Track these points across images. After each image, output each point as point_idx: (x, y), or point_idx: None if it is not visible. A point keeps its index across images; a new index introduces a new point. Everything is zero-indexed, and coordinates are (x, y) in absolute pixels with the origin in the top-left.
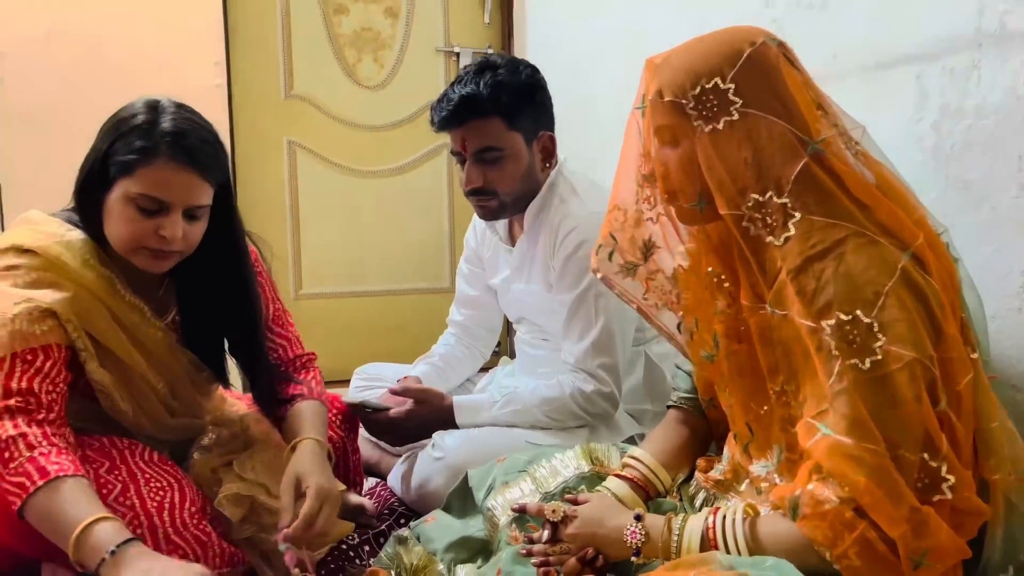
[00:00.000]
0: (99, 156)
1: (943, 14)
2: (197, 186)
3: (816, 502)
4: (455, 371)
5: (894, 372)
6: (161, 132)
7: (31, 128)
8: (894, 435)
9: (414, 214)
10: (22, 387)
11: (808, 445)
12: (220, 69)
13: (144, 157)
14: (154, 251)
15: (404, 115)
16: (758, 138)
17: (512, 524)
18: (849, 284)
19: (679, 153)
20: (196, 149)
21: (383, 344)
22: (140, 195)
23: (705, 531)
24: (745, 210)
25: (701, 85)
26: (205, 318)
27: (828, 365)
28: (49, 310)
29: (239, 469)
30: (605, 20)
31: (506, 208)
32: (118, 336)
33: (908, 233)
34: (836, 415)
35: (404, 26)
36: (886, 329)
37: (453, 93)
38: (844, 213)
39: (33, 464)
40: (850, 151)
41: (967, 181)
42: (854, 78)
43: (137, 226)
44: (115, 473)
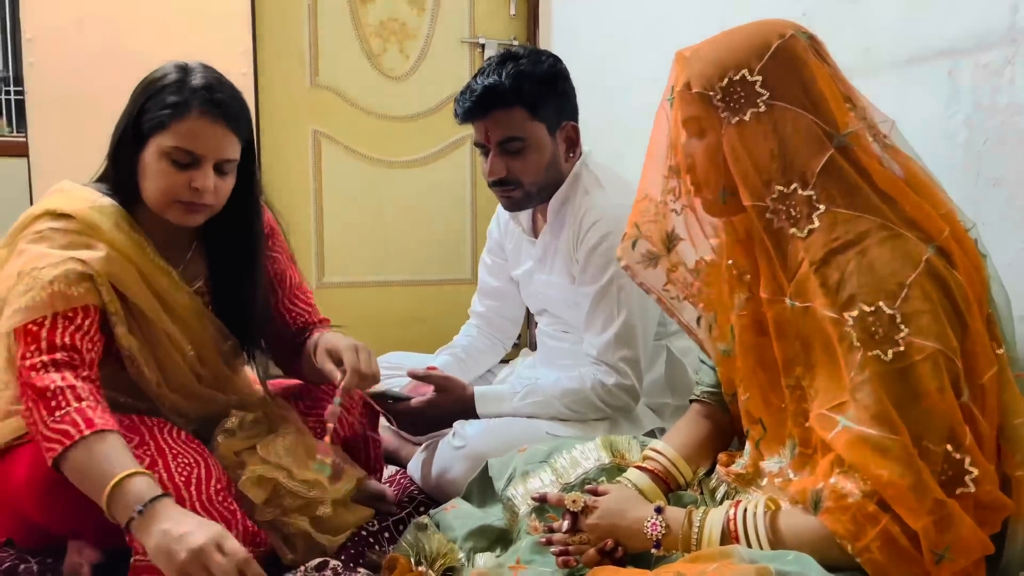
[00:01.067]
0: (132, 116)
1: (976, 9)
2: (227, 139)
3: (838, 495)
4: (476, 362)
5: (917, 363)
6: (192, 88)
7: (60, 111)
8: (917, 427)
9: (437, 205)
10: (66, 342)
11: (829, 437)
12: (247, 58)
13: (177, 111)
14: (187, 204)
15: (429, 106)
16: (784, 130)
17: (532, 514)
18: (872, 276)
19: (705, 144)
20: (225, 103)
21: (405, 334)
22: (173, 148)
23: (726, 524)
24: (769, 202)
25: (729, 77)
26: (231, 281)
27: (850, 356)
28: (85, 272)
29: (263, 452)
30: (631, 12)
31: (531, 198)
32: (148, 298)
33: (934, 226)
34: (858, 407)
35: (430, 17)
36: (909, 321)
37: (476, 84)
38: (869, 206)
39: (81, 415)
40: (878, 144)
41: (999, 178)
42: (886, 72)
43: (171, 179)
44: (144, 448)
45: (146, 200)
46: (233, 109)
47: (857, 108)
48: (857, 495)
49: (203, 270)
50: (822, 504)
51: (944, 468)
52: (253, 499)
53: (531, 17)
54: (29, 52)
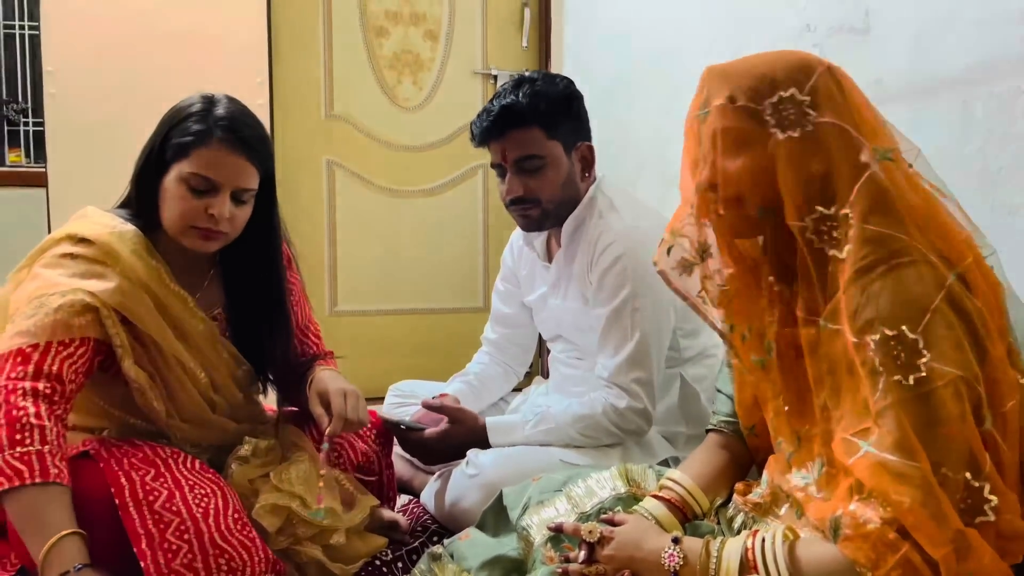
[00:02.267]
0: (157, 142)
1: (987, 40)
2: (245, 169)
3: (858, 523)
4: (489, 390)
5: (938, 389)
6: (216, 118)
7: (79, 142)
8: (937, 453)
9: (450, 233)
10: (53, 370)
11: (850, 463)
12: (263, 89)
13: (199, 139)
14: (202, 230)
15: (441, 136)
16: (829, 150)
17: (547, 543)
18: (895, 299)
19: (748, 160)
20: (247, 135)
21: (417, 362)
22: (192, 174)
23: (744, 554)
24: (809, 221)
25: (779, 94)
26: (248, 309)
27: (873, 381)
28: (91, 304)
29: (276, 480)
30: (642, 44)
31: (548, 216)
32: (161, 325)
33: (956, 254)
34: (880, 432)
35: (443, 49)
36: (931, 346)
37: (493, 106)
38: (898, 228)
39: (40, 460)
40: (914, 172)
41: (1014, 206)
42: (898, 103)
43: (187, 204)
44: (160, 480)
45: (164, 225)
46: (254, 140)
47: (889, 132)
48: (877, 522)
49: (220, 297)
50: (841, 531)
51: (964, 496)
52: (267, 527)
53: (543, 49)
54: (49, 83)
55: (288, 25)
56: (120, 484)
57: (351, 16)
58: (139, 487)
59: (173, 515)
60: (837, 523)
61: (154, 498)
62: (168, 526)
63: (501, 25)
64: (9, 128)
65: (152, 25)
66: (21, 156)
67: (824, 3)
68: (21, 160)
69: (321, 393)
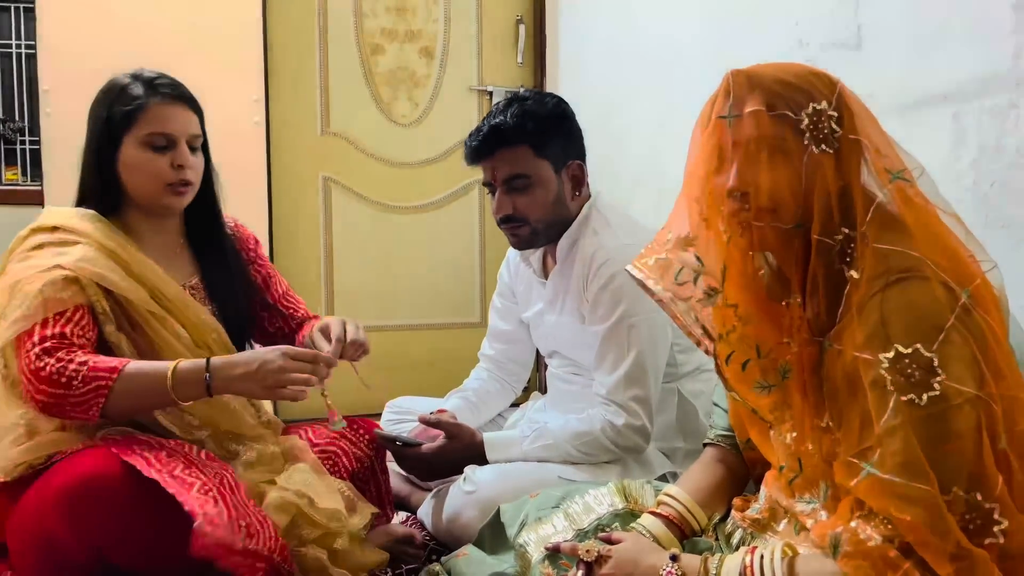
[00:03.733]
0: (101, 124)
1: (979, 55)
2: (189, 116)
3: (858, 539)
4: (487, 405)
5: (952, 408)
6: (148, 80)
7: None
8: (948, 473)
9: (446, 249)
10: (55, 332)
11: (852, 484)
12: (259, 107)
13: (143, 102)
14: (175, 185)
15: (438, 152)
16: (851, 168)
17: (545, 561)
18: (910, 317)
19: (785, 171)
20: (177, 86)
21: (414, 378)
22: (149, 134)
23: (743, 571)
24: (836, 241)
25: (814, 106)
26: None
27: (882, 400)
28: (71, 276)
29: (283, 482)
30: (636, 60)
31: (538, 235)
32: (134, 286)
33: (967, 272)
34: (884, 453)
35: (439, 66)
36: (946, 365)
37: (483, 125)
38: (910, 247)
39: (95, 370)
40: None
41: (1007, 219)
42: (890, 117)
43: (155, 164)
44: (173, 457)
45: (136, 197)
46: (184, 90)
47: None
48: (878, 540)
49: (194, 269)
50: (841, 548)
51: (972, 517)
52: (276, 523)
53: (538, 65)
54: (46, 103)
55: (284, 43)
56: (138, 459)
57: (347, 33)
58: (155, 461)
59: (195, 479)
60: (837, 539)
61: (172, 468)
62: (191, 487)
63: (496, 42)
64: (6, 147)
65: (148, 44)
66: (18, 174)
67: (816, 19)
68: (18, 179)
69: (324, 328)
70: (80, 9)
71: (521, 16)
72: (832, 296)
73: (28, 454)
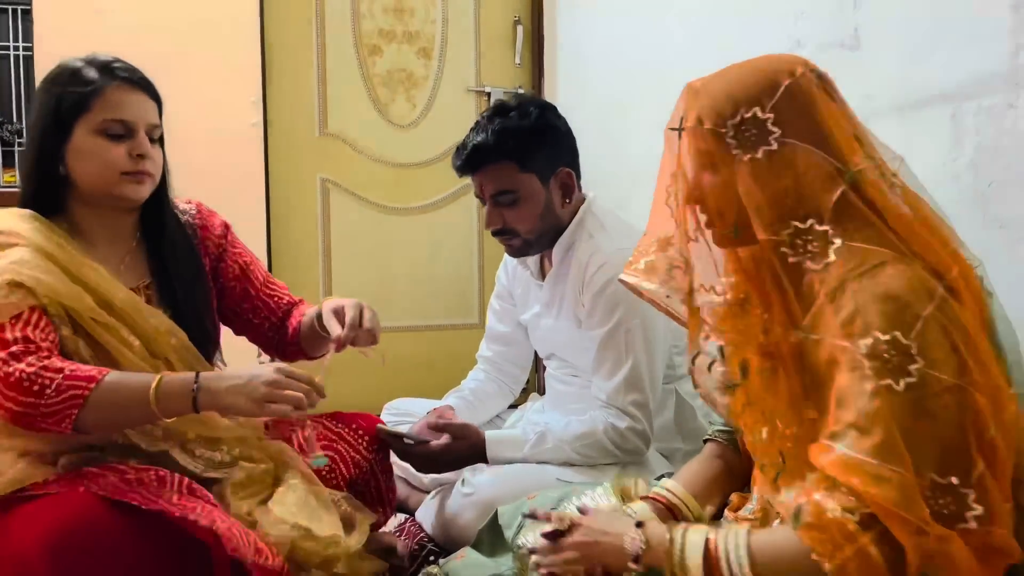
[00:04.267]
0: (48, 111)
1: (977, 54)
2: (149, 104)
3: (819, 511)
4: (485, 406)
5: (930, 395)
6: (103, 63)
7: None
8: (924, 458)
9: (444, 250)
10: (17, 336)
11: (822, 462)
12: (257, 108)
13: (98, 88)
14: (133, 175)
15: (435, 153)
16: (796, 167)
17: None
18: (888, 305)
19: (718, 179)
20: (137, 72)
21: (412, 379)
22: (105, 120)
23: (707, 541)
24: (784, 236)
25: (741, 115)
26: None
27: (860, 386)
28: (15, 280)
29: (277, 510)
30: (634, 60)
31: (530, 245)
32: (75, 291)
33: (942, 264)
34: (861, 436)
35: (436, 67)
36: (925, 353)
37: (467, 141)
38: (883, 240)
39: (71, 378)
40: (886, 182)
41: (1005, 219)
42: (888, 117)
43: (111, 152)
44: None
45: (86, 190)
46: (143, 76)
47: (865, 145)
48: (838, 512)
49: (146, 269)
50: (801, 519)
51: (947, 502)
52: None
53: (536, 65)
54: None
55: (281, 44)
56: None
57: (344, 34)
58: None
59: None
60: (799, 511)
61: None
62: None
63: (494, 42)
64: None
65: (145, 46)
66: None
67: (814, 20)
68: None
69: (337, 310)
70: (77, 11)
71: (519, 17)
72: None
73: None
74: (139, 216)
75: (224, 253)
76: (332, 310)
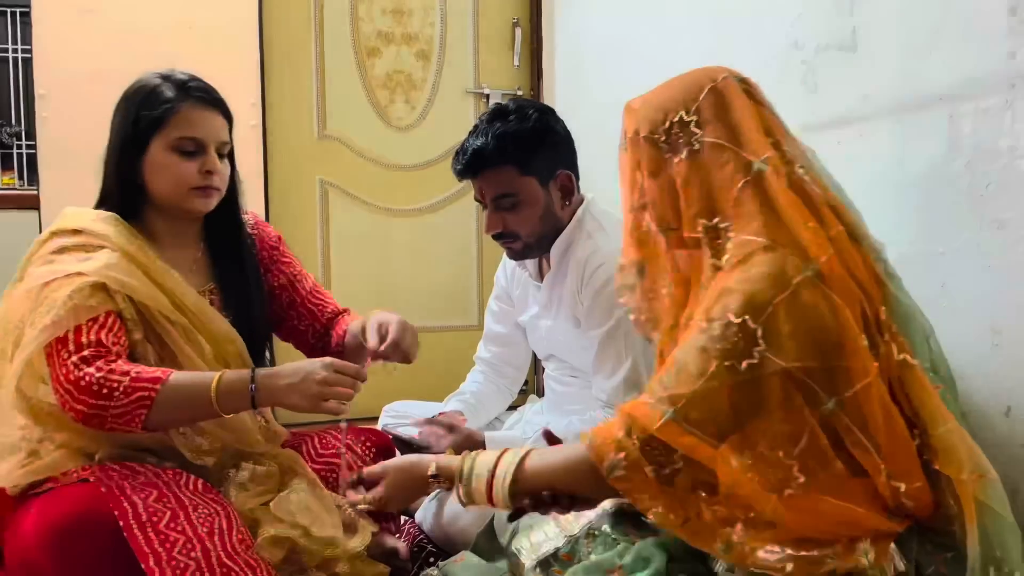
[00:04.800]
0: (128, 125)
1: (974, 56)
2: (220, 122)
3: (603, 428)
4: (486, 408)
5: (767, 376)
6: (180, 82)
7: (72, 165)
8: (756, 433)
9: (443, 252)
10: (91, 339)
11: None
12: (256, 110)
13: (173, 106)
14: (201, 189)
15: (434, 155)
16: (712, 165)
17: (536, 568)
18: (744, 292)
19: (657, 184)
20: (210, 91)
21: (411, 381)
22: (178, 138)
23: (496, 461)
24: (701, 232)
25: (670, 120)
26: (237, 281)
27: (705, 363)
28: (97, 283)
29: (277, 511)
30: (632, 61)
31: (531, 248)
32: (155, 293)
33: (816, 249)
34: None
35: (435, 69)
36: (769, 337)
37: (467, 145)
38: (766, 230)
39: (138, 381)
40: (791, 171)
41: (1003, 220)
42: (886, 119)
43: (182, 168)
44: (164, 501)
45: (159, 199)
46: (217, 95)
47: (774, 138)
48: (615, 421)
49: (211, 275)
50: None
51: (775, 471)
52: (270, 559)
53: (534, 67)
54: (42, 107)
55: (280, 46)
56: (123, 508)
57: (343, 36)
58: (142, 509)
59: (179, 535)
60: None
61: (158, 519)
62: (174, 545)
63: (492, 44)
64: (3, 151)
65: (144, 48)
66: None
67: (812, 21)
68: (14, 183)
69: (383, 323)
70: (75, 14)
71: (518, 18)
72: (707, 286)
73: (28, 477)
74: (204, 223)
75: (274, 263)
76: (377, 323)
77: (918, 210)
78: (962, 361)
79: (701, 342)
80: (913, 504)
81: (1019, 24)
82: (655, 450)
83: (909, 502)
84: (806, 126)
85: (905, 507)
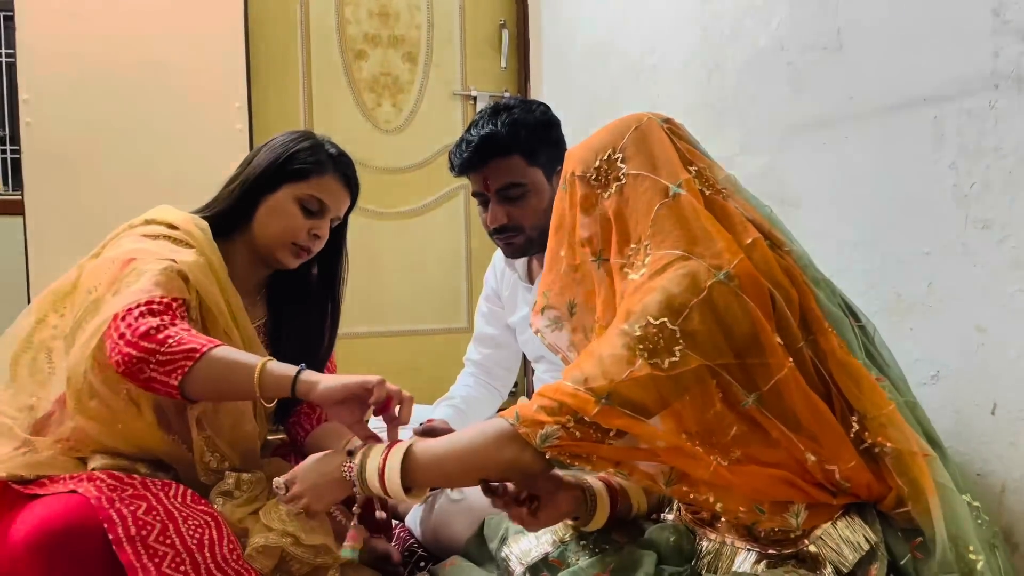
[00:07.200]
0: (274, 161)
1: (959, 56)
2: (346, 202)
3: (523, 405)
4: (475, 412)
5: (687, 372)
6: (330, 153)
7: (56, 171)
8: (684, 410)
9: (432, 255)
10: (163, 302)
11: (593, 412)
12: (242, 114)
13: (320, 167)
14: (300, 247)
15: (422, 158)
16: (635, 193)
17: (526, 574)
18: (663, 298)
19: (592, 218)
20: (354, 175)
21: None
22: (310, 196)
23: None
24: (625, 258)
25: (599, 159)
26: (288, 332)
27: (630, 360)
28: (183, 272)
29: (266, 519)
30: (619, 64)
31: (532, 243)
32: (223, 308)
33: (729, 255)
34: (620, 390)
35: (422, 71)
36: (687, 337)
37: (472, 135)
38: (682, 243)
39: (194, 337)
40: (710, 189)
41: (987, 220)
42: (870, 119)
43: (296, 222)
44: (153, 513)
45: (258, 238)
46: (357, 179)
47: (696, 168)
48: (544, 398)
49: (262, 314)
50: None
51: (707, 451)
52: (260, 569)
53: (522, 70)
54: (26, 112)
55: (266, 49)
56: (112, 521)
57: (329, 39)
58: (131, 522)
59: (168, 548)
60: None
61: (147, 532)
62: (163, 559)
63: (479, 46)
64: None
65: (129, 52)
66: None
67: (796, 22)
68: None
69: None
70: (60, 18)
71: (504, 21)
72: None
73: (25, 469)
74: (272, 275)
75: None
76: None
77: (903, 210)
78: (948, 360)
79: (624, 340)
80: (850, 484)
81: (1003, 25)
82: (588, 427)
83: (846, 483)
84: (791, 127)
85: (842, 486)
